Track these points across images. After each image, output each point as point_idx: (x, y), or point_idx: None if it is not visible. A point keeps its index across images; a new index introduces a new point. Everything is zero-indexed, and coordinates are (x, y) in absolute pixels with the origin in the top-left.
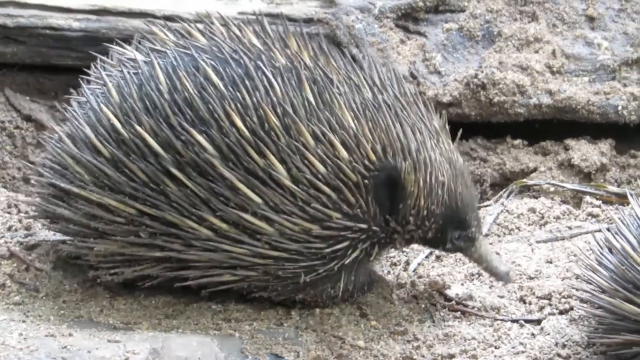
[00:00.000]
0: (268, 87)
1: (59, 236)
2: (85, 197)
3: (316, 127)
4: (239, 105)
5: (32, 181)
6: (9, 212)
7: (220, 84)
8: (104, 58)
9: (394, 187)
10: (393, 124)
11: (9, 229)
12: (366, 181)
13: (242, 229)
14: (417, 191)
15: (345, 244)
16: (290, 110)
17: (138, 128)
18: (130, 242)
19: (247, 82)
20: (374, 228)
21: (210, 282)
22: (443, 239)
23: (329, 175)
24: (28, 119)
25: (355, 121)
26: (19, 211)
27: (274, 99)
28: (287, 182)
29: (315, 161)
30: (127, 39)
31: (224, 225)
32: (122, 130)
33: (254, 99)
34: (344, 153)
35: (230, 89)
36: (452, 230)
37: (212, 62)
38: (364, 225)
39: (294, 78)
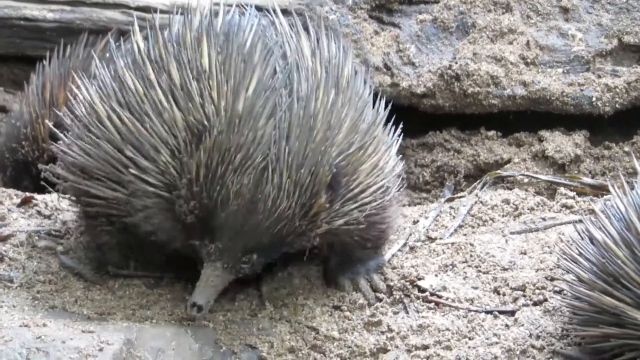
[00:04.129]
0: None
1: (32, 227)
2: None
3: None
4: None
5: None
6: None
7: None
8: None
9: (196, 142)
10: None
11: None
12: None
13: None
14: (201, 164)
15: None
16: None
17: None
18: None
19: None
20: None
21: None
22: (196, 235)
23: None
24: (2, 109)
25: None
26: None
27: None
28: None
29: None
30: (101, 30)
31: None
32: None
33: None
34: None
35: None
36: (204, 231)
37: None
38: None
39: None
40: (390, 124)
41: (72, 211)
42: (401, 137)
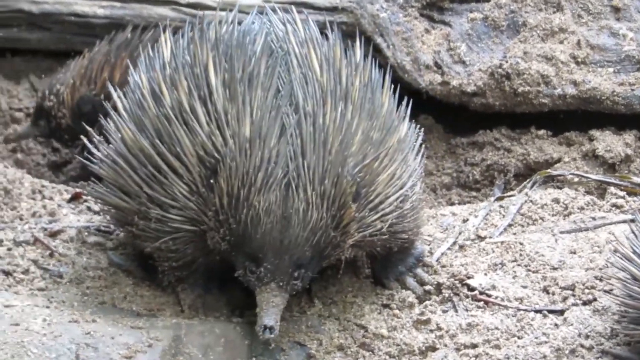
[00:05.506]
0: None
1: (82, 222)
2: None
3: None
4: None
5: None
6: (33, 198)
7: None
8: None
9: (212, 175)
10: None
11: (33, 215)
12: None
13: None
14: (223, 193)
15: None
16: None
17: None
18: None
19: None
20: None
21: None
22: (238, 261)
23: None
24: None
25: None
26: (44, 197)
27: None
28: None
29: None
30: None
31: None
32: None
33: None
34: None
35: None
36: (246, 259)
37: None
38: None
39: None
40: (412, 124)
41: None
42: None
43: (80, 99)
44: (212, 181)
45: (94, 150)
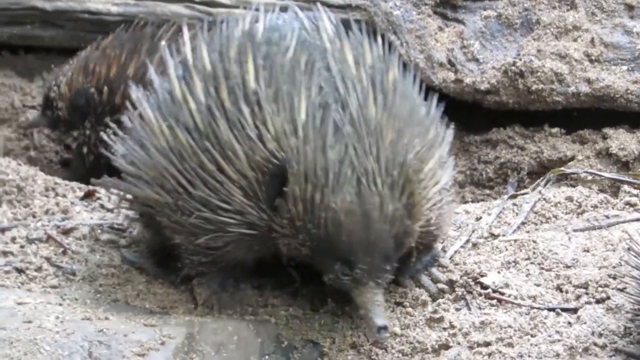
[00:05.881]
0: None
1: (95, 220)
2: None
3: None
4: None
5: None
6: (46, 196)
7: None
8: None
9: (277, 182)
10: (324, 131)
11: (46, 212)
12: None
13: None
14: (297, 199)
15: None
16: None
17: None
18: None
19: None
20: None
21: None
22: (325, 266)
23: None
24: None
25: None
26: (57, 194)
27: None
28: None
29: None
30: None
31: None
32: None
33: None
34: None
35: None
36: (335, 263)
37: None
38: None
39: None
40: (444, 121)
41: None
42: (457, 134)
43: (76, 92)
44: (275, 188)
45: (112, 143)
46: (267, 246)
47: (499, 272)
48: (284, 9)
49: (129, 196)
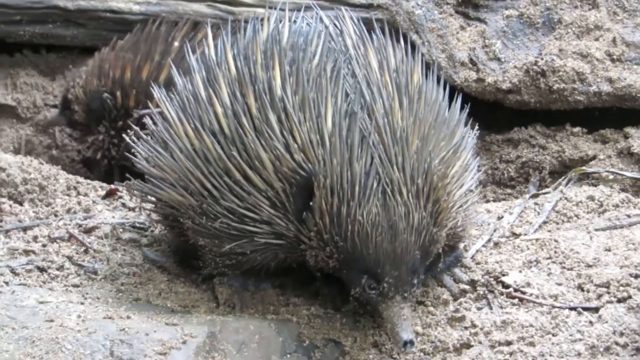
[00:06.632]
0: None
1: (117, 219)
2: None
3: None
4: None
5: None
6: (68, 195)
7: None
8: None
9: (304, 194)
10: (351, 144)
11: (68, 211)
12: (291, 180)
13: None
14: (324, 212)
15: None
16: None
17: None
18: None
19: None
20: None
21: None
22: (352, 279)
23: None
24: None
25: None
26: (78, 193)
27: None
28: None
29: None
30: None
31: None
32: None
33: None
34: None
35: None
36: (362, 276)
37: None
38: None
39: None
40: (469, 122)
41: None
42: (479, 133)
43: (91, 95)
44: (303, 199)
45: (134, 146)
46: (295, 255)
47: (520, 271)
48: (307, 8)
49: (151, 198)
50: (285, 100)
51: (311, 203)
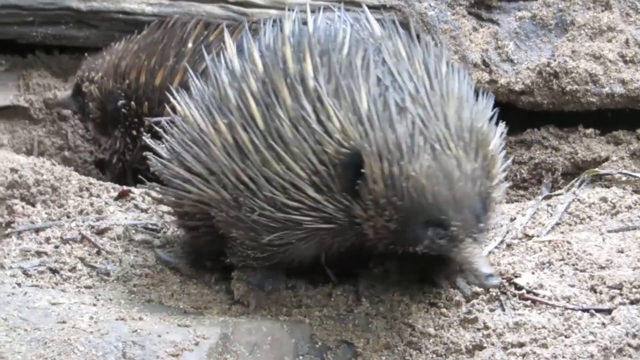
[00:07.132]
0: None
1: (129, 220)
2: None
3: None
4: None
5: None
6: (80, 196)
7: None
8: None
9: (353, 168)
10: (390, 114)
11: (81, 212)
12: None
13: None
14: (377, 178)
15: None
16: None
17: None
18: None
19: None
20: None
21: None
22: (417, 235)
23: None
24: None
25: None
26: (91, 194)
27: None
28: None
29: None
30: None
31: None
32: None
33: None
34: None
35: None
36: (427, 229)
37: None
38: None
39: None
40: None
41: (169, 212)
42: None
43: (106, 95)
44: (352, 179)
45: (153, 150)
46: (344, 238)
47: (533, 273)
48: (325, 9)
49: (171, 198)
50: (319, 89)
51: (362, 172)
